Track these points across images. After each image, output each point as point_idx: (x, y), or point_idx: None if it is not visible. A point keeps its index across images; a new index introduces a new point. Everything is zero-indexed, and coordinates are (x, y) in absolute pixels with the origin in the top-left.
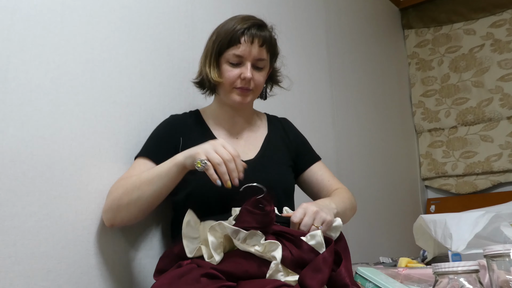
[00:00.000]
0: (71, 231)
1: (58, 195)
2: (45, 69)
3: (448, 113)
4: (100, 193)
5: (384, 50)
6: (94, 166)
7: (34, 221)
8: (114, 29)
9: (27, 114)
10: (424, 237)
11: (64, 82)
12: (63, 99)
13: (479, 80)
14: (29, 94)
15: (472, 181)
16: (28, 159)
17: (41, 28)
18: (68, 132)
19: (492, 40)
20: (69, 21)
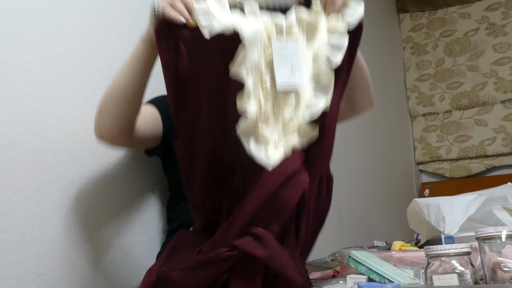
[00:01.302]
0: (63, 216)
1: (50, 180)
2: (35, 53)
3: (443, 97)
4: (92, 179)
5: (378, 34)
6: (86, 152)
7: (26, 207)
8: (105, 12)
9: (17, 99)
10: (417, 221)
11: (54, 67)
12: (53, 84)
13: (474, 64)
14: (19, 79)
15: (466, 165)
16: (19, 145)
17: (31, 12)
18: (59, 117)
19: (487, 23)
20: (59, 4)
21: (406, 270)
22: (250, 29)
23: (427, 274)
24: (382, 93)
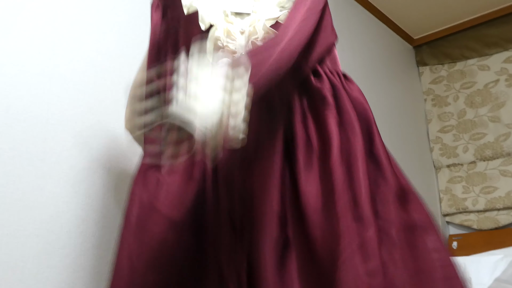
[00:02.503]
0: (103, 281)
1: (91, 246)
2: (81, 127)
3: (466, 148)
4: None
5: (399, 87)
6: None
7: (69, 272)
8: None
9: (63, 171)
10: None
11: (97, 140)
12: (96, 155)
13: (496, 115)
14: (65, 153)
15: (493, 217)
16: (65, 213)
17: (76, 90)
18: (100, 187)
19: (507, 75)
20: (101, 82)
21: None
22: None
23: None
24: (406, 145)
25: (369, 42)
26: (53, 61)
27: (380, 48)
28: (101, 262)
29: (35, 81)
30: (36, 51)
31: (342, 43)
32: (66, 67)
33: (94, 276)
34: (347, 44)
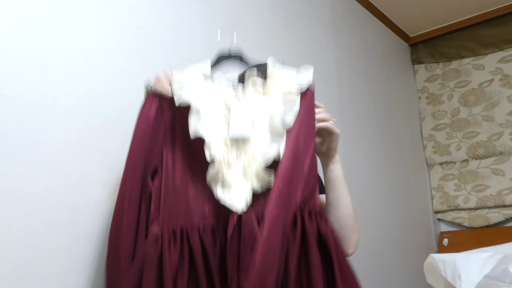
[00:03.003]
0: (94, 274)
1: (83, 238)
2: (72, 119)
3: (459, 147)
4: None
5: (394, 85)
6: None
7: (60, 265)
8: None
9: (56, 163)
10: (434, 276)
11: (89, 131)
12: (88, 147)
13: (489, 114)
14: (58, 144)
15: (484, 215)
16: (57, 204)
17: (69, 81)
18: (93, 179)
19: (501, 75)
20: (95, 73)
21: None
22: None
23: None
24: (399, 143)
25: (365, 39)
26: (46, 51)
27: (376, 45)
28: (93, 254)
29: (27, 72)
30: (28, 41)
31: (339, 39)
32: (59, 58)
33: (85, 268)
34: (343, 41)
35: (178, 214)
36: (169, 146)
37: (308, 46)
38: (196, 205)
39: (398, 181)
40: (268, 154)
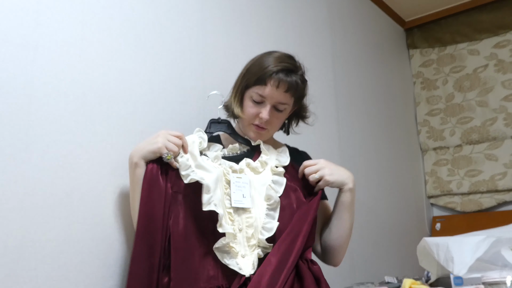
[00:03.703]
0: (87, 255)
1: (75, 221)
2: (65, 101)
3: (453, 132)
4: (115, 218)
5: (389, 69)
6: (110, 193)
7: (53, 246)
8: (127, 59)
9: (48, 144)
10: (427, 259)
11: (82, 113)
12: (81, 130)
13: (483, 99)
14: (49, 126)
15: (477, 200)
16: (48, 187)
17: (61, 62)
18: (85, 161)
19: (496, 60)
20: (87, 54)
21: None
22: (213, 177)
23: None
24: (393, 128)
25: (361, 23)
26: (38, 31)
27: (371, 29)
28: (87, 236)
29: (18, 52)
30: (19, 21)
31: (334, 23)
32: (51, 38)
33: (78, 250)
34: (339, 25)
35: (187, 280)
36: (174, 211)
37: (304, 30)
38: (202, 269)
39: (392, 166)
40: (270, 231)
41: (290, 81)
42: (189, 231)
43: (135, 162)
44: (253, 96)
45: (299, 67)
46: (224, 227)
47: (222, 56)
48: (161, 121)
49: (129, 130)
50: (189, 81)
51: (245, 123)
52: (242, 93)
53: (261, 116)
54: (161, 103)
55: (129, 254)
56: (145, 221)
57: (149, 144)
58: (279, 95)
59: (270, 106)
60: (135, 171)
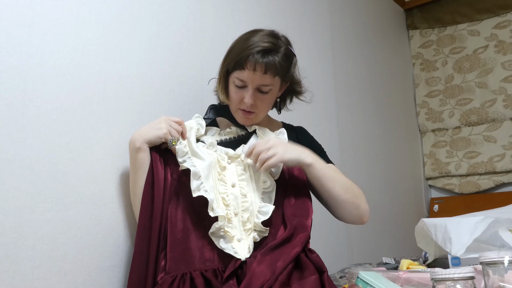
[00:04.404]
0: (86, 235)
1: (73, 201)
2: (61, 80)
3: (452, 114)
4: (113, 199)
5: (388, 50)
6: (107, 173)
7: (51, 226)
8: (124, 40)
9: (44, 124)
10: (425, 240)
11: (78, 93)
12: (77, 110)
13: (483, 81)
14: (46, 105)
15: (475, 181)
16: (46, 167)
17: (57, 42)
18: (83, 141)
19: (496, 41)
20: (83, 34)
21: None
22: (205, 164)
23: None
24: (392, 109)
25: (360, 3)
26: (32, 9)
27: (370, 9)
28: (85, 216)
29: (13, 31)
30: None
31: (333, 3)
32: (46, 17)
33: (76, 231)
34: (338, 5)
35: (183, 263)
36: (173, 196)
37: (302, 10)
38: (197, 251)
39: (391, 148)
40: (263, 209)
41: (267, 62)
42: (185, 216)
43: (138, 146)
44: (235, 81)
45: (280, 44)
46: (216, 211)
47: (220, 33)
48: (159, 102)
49: (127, 111)
50: (186, 61)
51: (233, 108)
52: (226, 79)
53: (245, 101)
54: (159, 83)
55: (127, 235)
56: (149, 208)
57: (154, 129)
58: (258, 78)
59: (252, 90)
60: (138, 155)
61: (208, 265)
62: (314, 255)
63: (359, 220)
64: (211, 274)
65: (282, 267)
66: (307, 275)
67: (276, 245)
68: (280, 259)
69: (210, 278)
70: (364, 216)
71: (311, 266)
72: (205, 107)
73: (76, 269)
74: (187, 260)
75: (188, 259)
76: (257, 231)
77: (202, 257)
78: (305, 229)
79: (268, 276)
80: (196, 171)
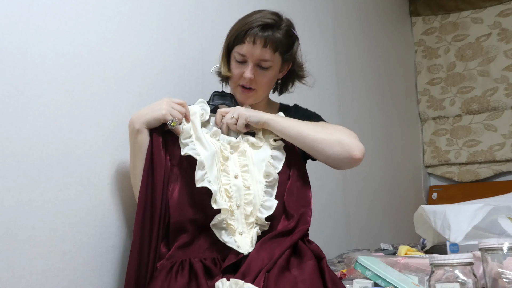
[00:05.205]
0: (85, 215)
1: (73, 181)
2: (61, 60)
3: (453, 102)
4: (113, 180)
5: (391, 37)
6: (107, 154)
7: (51, 206)
8: (126, 21)
9: (44, 104)
10: (424, 226)
11: (78, 73)
12: (78, 90)
13: (485, 69)
14: (46, 85)
15: (474, 170)
16: (45, 147)
17: (57, 21)
18: (83, 122)
19: (499, 29)
20: (83, 13)
21: (410, 277)
22: (209, 153)
23: (431, 282)
24: (393, 96)
25: None
26: None
27: None
28: (85, 197)
29: (12, 9)
30: None
31: None
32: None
33: (75, 212)
34: None
35: (181, 249)
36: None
37: None
38: (197, 240)
39: (391, 135)
40: (267, 204)
41: (267, 36)
42: (184, 204)
43: (137, 128)
44: (236, 56)
45: (281, 23)
46: (219, 203)
47: (221, 15)
48: (160, 83)
49: (128, 92)
50: (188, 43)
51: (232, 85)
52: (228, 55)
53: (244, 76)
54: (160, 65)
55: (127, 216)
56: (148, 193)
57: (153, 110)
58: (258, 52)
59: (252, 64)
60: (137, 138)
61: (207, 254)
62: (313, 244)
63: (348, 156)
64: (210, 262)
65: (280, 252)
66: (306, 261)
67: (276, 235)
68: (279, 247)
69: (210, 266)
70: (352, 150)
71: (309, 253)
72: (206, 89)
73: (76, 249)
74: (187, 250)
75: (187, 248)
76: (259, 225)
77: (201, 247)
78: (306, 222)
79: (266, 262)
80: (202, 161)
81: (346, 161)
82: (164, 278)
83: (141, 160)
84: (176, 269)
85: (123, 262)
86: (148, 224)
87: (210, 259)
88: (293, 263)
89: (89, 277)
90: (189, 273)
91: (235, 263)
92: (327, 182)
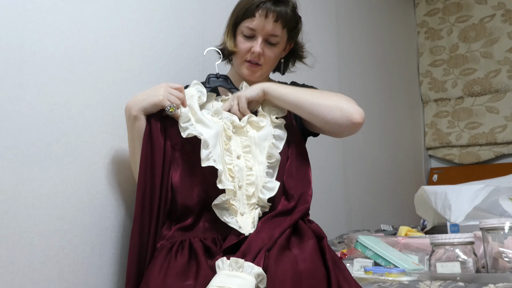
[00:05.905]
0: (85, 194)
1: (73, 160)
2: (60, 37)
3: (455, 84)
4: (113, 159)
5: (393, 18)
6: (107, 133)
7: (50, 185)
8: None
9: (42, 82)
10: (424, 207)
11: (77, 50)
12: (77, 68)
13: (488, 51)
14: (44, 62)
15: (475, 152)
16: (45, 125)
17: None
18: (82, 100)
19: (504, 10)
20: None
21: (411, 256)
22: (212, 132)
23: (431, 261)
24: (395, 78)
25: None
26: None
27: None
28: (84, 176)
29: None
30: None
31: None
32: None
33: (75, 190)
34: None
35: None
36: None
37: None
38: (198, 221)
39: (392, 116)
40: (269, 185)
41: (279, 11)
42: (186, 187)
43: (134, 115)
44: (244, 31)
45: (289, 0)
46: (224, 183)
47: None
48: (160, 61)
49: (127, 70)
50: (188, 21)
51: (238, 60)
52: (234, 31)
53: (253, 50)
54: (160, 43)
55: (127, 195)
56: (147, 178)
57: (150, 96)
58: (269, 26)
59: (261, 38)
60: (135, 124)
61: (207, 234)
62: (313, 224)
63: (347, 120)
64: (210, 242)
65: (280, 231)
66: (306, 240)
67: (276, 215)
68: (279, 227)
69: (210, 245)
70: (351, 113)
71: (310, 232)
72: (205, 69)
73: (76, 228)
74: (188, 230)
75: (188, 228)
76: (261, 206)
77: (203, 227)
78: (306, 201)
79: (266, 241)
80: (206, 140)
81: (346, 125)
82: (164, 258)
83: (140, 146)
84: (176, 248)
85: (122, 241)
86: (147, 210)
87: (210, 239)
88: (294, 242)
89: (89, 255)
90: (189, 252)
91: (235, 244)
92: (327, 163)
